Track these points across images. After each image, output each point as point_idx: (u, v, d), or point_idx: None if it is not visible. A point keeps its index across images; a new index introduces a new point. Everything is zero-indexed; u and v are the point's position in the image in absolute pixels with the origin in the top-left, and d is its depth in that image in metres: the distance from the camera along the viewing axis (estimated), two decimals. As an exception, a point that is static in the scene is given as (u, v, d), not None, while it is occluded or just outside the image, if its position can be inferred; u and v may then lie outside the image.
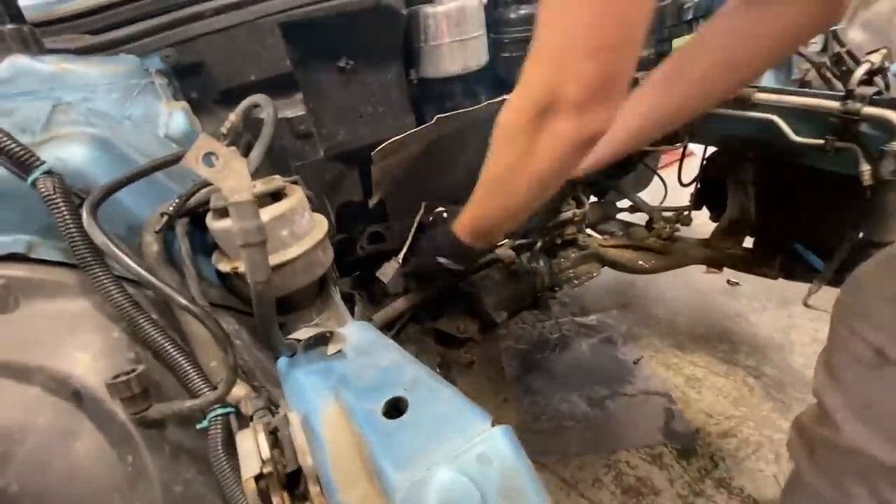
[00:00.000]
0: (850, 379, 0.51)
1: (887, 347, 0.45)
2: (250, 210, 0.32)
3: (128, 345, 0.42)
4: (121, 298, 0.41)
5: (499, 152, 0.53)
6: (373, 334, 0.39)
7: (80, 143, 0.43)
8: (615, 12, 0.40)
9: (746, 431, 1.24)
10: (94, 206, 0.38)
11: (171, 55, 0.65)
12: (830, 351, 0.55)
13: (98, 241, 0.37)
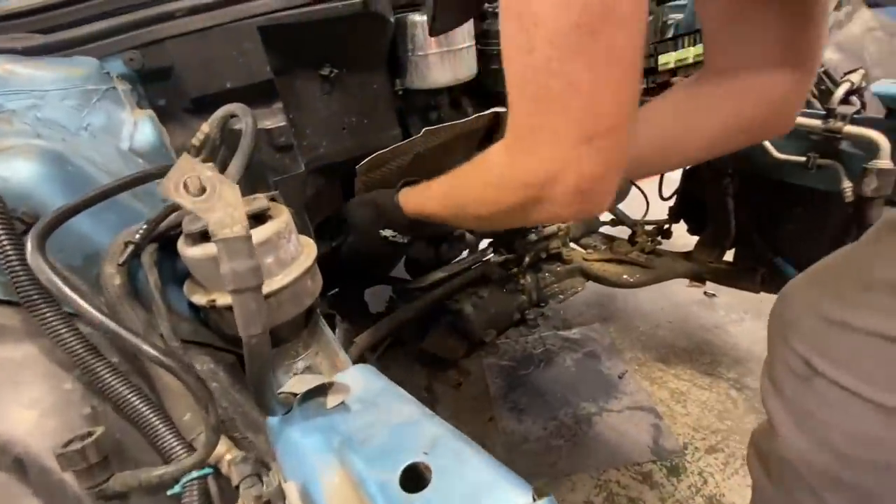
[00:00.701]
0: (788, 389, 0.50)
1: (813, 359, 0.45)
2: (244, 248, 0.27)
3: (82, 398, 0.36)
4: (74, 342, 0.34)
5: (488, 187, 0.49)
6: (379, 381, 0.34)
7: (26, 159, 0.36)
8: (611, 89, 0.36)
9: (733, 446, 1.24)
10: (42, 235, 0.31)
11: (135, 58, 0.59)
12: (771, 360, 0.55)
13: (43, 279, 0.30)
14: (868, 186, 0.85)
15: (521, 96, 0.39)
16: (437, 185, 0.62)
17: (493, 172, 0.46)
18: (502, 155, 0.44)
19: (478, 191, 0.50)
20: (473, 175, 0.52)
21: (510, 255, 1.22)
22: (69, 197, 0.39)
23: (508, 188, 0.44)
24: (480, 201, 0.50)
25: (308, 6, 0.65)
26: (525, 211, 0.45)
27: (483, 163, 0.48)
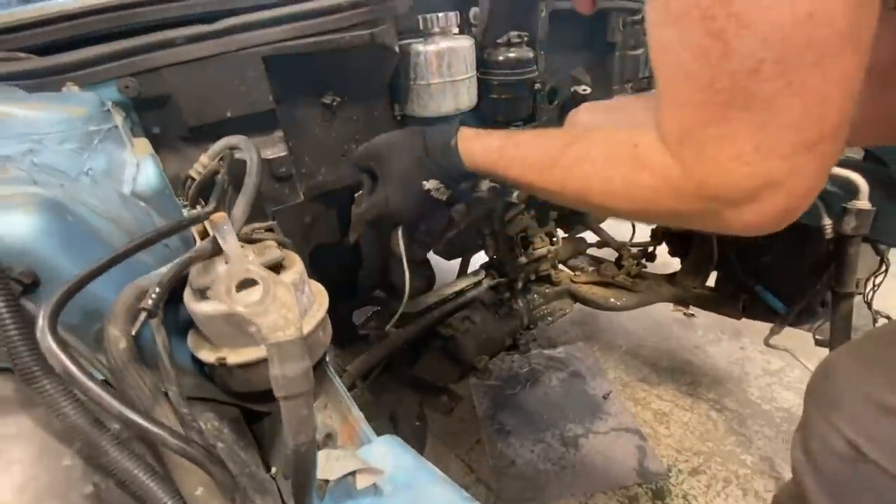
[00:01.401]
0: (827, 467, 0.51)
1: (861, 443, 0.46)
2: (296, 351, 0.26)
3: (83, 475, 0.33)
4: (77, 416, 0.31)
5: (639, 187, 0.42)
6: (408, 456, 0.32)
7: (23, 211, 0.33)
8: (842, 84, 0.32)
9: (714, 468, 1.26)
10: (55, 313, 0.29)
11: (131, 85, 0.56)
12: (807, 433, 0.55)
13: (59, 369, 0.28)
14: (848, 225, 0.89)
15: (703, 104, 0.34)
16: (518, 144, 0.54)
17: (653, 174, 0.40)
18: (666, 157, 0.39)
19: (616, 184, 0.44)
20: (607, 165, 0.44)
21: (502, 280, 1.21)
22: (69, 251, 0.36)
23: (680, 196, 0.39)
24: (621, 195, 0.44)
25: (315, 37, 0.63)
26: (692, 218, 0.41)
27: (631, 159, 0.42)
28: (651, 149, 0.40)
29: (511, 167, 0.55)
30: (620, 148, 0.44)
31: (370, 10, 0.66)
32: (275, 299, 0.25)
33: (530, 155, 0.53)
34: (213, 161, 0.59)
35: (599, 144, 0.46)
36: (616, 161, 0.44)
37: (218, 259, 0.41)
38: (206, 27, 0.57)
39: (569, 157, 0.48)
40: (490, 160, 0.57)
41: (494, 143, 0.57)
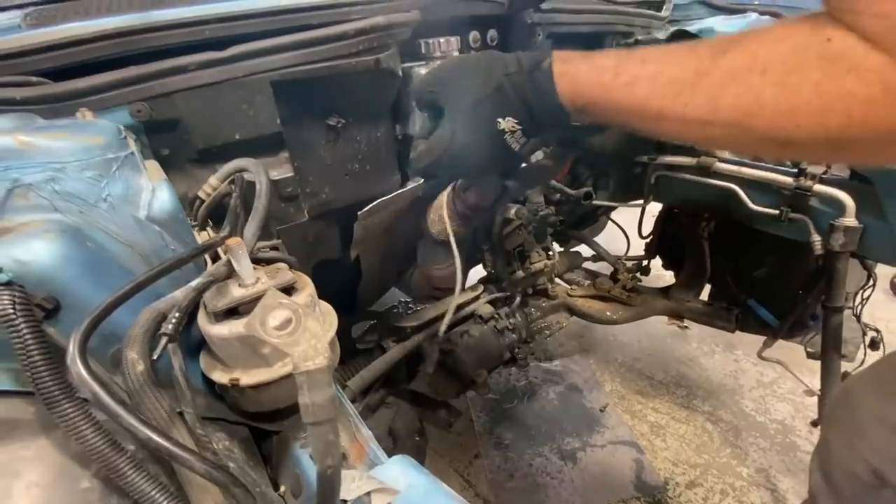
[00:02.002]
0: (848, 493, 0.51)
1: (886, 471, 0.46)
2: (324, 379, 0.27)
3: (101, 497, 0.33)
4: (97, 441, 0.32)
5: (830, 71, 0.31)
6: (421, 476, 0.33)
7: (46, 239, 0.34)
8: None
9: (711, 480, 1.27)
10: (84, 341, 0.30)
11: (143, 110, 0.57)
12: (827, 458, 0.55)
13: (90, 396, 0.29)
14: (836, 242, 0.92)
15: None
16: (644, 59, 0.41)
17: (864, 78, 0.30)
18: (880, 55, 0.29)
19: (803, 95, 0.32)
20: (787, 70, 0.33)
21: (500, 295, 1.23)
22: (89, 276, 0.37)
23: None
24: (812, 112, 0.32)
25: (322, 62, 0.65)
26: (890, 131, 0.31)
27: (826, 60, 0.31)
28: (853, 45, 0.30)
29: (633, 90, 0.41)
30: (807, 45, 0.32)
31: (375, 37, 0.68)
32: (305, 330, 0.26)
33: (663, 70, 0.39)
34: (221, 183, 0.60)
35: (772, 43, 0.34)
36: (802, 64, 0.32)
37: (231, 281, 0.42)
38: (217, 53, 0.59)
39: (724, 68, 0.36)
40: (600, 84, 0.43)
41: (607, 62, 0.43)
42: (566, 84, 0.45)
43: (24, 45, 0.60)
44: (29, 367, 0.31)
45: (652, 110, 0.40)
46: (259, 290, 0.41)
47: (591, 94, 0.44)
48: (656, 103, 0.40)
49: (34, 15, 0.70)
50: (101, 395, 0.28)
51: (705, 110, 0.37)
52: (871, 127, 0.31)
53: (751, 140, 0.36)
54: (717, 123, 0.37)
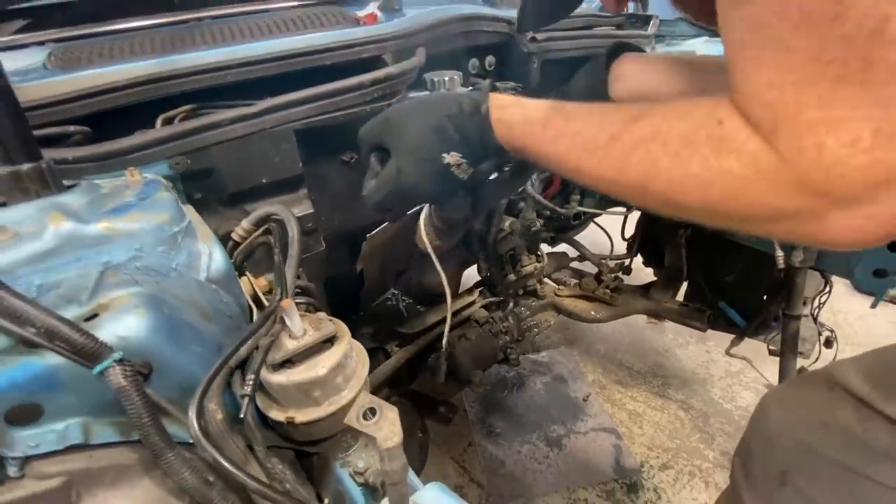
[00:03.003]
0: (761, 486, 0.61)
1: (790, 473, 0.56)
2: (399, 453, 0.35)
3: (195, 524, 0.41)
4: (195, 482, 0.40)
5: (722, 174, 0.34)
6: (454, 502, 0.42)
7: (137, 315, 0.41)
8: None
9: (681, 463, 1.42)
10: (201, 409, 0.37)
11: (181, 163, 0.62)
12: (747, 456, 0.64)
13: (208, 458, 0.36)
14: (796, 258, 1.03)
15: (806, 81, 0.29)
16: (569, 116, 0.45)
17: (742, 160, 0.33)
18: (758, 140, 0.32)
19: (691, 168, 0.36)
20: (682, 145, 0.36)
21: (493, 299, 1.32)
22: (169, 339, 0.44)
23: (776, 189, 0.32)
24: (696, 184, 0.36)
25: (341, 111, 0.70)
26: (785, 219, 0.33)
27: (714, 139, 0.34)
28: (738, 130, 0.33)
29: (556, 144, 0.45)
30: (702, 124, 0.36)
31: (389, 85, 0.73)
32: (385, 417, 0.34)
33: (583, 130, 0.44)
34: (252, 226, 0.66)
35: (674, 119, 0.38)
36: (694, 141, 0.36)
37: (282, 334, 0.50)
38: (247, 109, 0.64)
39: (633, 135, 0.40)
40: (530, 133, 0.47)
41: (538, 114, 0.47)
42: (501, 129, 0.50)
43: (60, 93, 0.65)
44: (140, 427, 0.38)
45: (571, 163, 0.45)
46: (307, 343, 0.49)
47: (523, 142, 0.49)
48: (575, 158, 0.44)
49: (57, 56, 0.74)
50: (219, 459, 0.36)
51: (615, 170, 0.41)
52: (744, 202, 0.34)
53: (651, 201, 0.40)
54: (624, 183, 0.41)
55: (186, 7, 0.84)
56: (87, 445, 0.40)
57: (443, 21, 0.89)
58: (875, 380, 0.51)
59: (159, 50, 0.75)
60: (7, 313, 0.36)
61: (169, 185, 0.60)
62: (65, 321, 0.37)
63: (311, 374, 0.48)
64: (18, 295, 0.36)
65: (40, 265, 0.40)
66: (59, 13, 0.82)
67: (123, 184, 0.55)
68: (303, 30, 0.81)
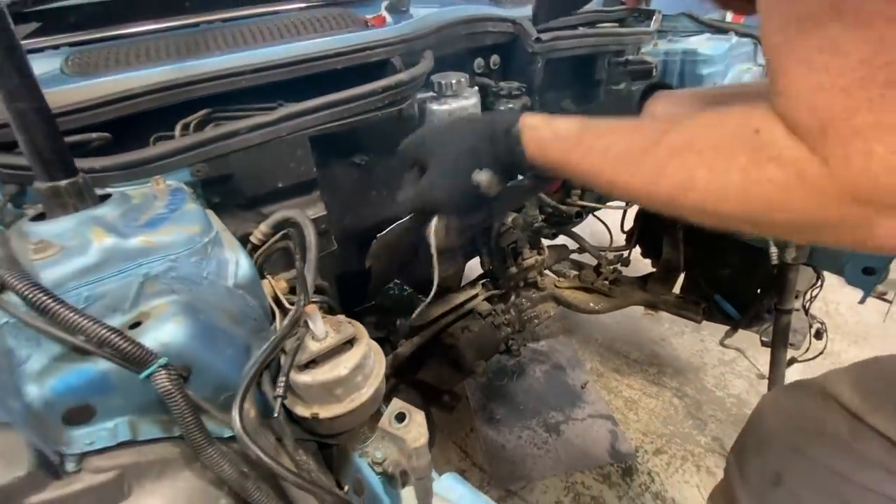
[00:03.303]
0: (755, 483, 0.64)
1: (783, 475, 0.59)
2: (425, 451, 0.38)
3: (233, 513, 0.45)
4: (233, 473, 0.44)
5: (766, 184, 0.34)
6: (468, 490, 0.46)
7: (176, 322, 0.44)
8: None
9: (674, 448, 1.48)
10: (241, 411, 0.40)
11: (202, 170, 0.65)
12: (741, 453, 0.68)
13: (252, 454, 0.40)
14: (788, 255, 1.07)
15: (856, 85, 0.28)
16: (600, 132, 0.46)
17: (783, 168, 0.33)
18: (801, 149, 0.32)
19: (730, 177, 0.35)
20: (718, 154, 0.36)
21: (496, 292, 1.36)
22: (204, 343, 0.47)
23: (821, 198, 0.32)
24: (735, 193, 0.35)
25: (354, 117, 0.73)
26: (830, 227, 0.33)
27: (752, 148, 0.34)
28: (779, 136, 0.33)
29: (587, 159, 0.46)
30: (736, 133, 0.36)
31: (399, 91, 0.75)
32: (414, 422, 0.37)
33: (614, 144, 0.45)
34: (271, 230, 0.69)
35: (707, 129, 0.38)
36: (731, 149, 0.36)
37: (307, 337, 0.53)
38: (265, 117, 0.66)
39: (665, 146, 0.40)
40: (561, 150, 0.49)
41: (569, 131, 0.49)
42: (533, 147, 0.52)
43: (81, 100, 0.67)
44: (184, 426, 0.42)
45: (605, 178, 0.46)
46: (330, 345, 0.52)
47: (555, 159, 0.51)
48: (609, 172, 0.45)
49: (75, 61, 0.75)
50: (260, 454, 0.40)
51: (649, 181, 0.41)
52: (787, 211, 0.34)
53: (687, 210, 0.40)
54: (659, 194, 0.41)
55: (198, 10, 0.85)
56: (135, 442, 0.43)
57: (449, 23, 0.91)
58: (864, 392, 0.54)
59: (174, 55, 0.76)
60: (62, 324, 0.39)
61: (192, 193, 0.62)
62: (114, 330, 0.40)
63: (334, 374, 0.52)
64: (72, 308, 0.39)
65: (87, 278, 0.43)
66: (71, 16, 0.83)
67: (151, 193, 0.58)
68: (312, 33, 0.83)
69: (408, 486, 0.46)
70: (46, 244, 0.44)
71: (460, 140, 0.56)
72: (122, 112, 0.69)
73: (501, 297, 1.37)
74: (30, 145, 0.46)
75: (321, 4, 0.93)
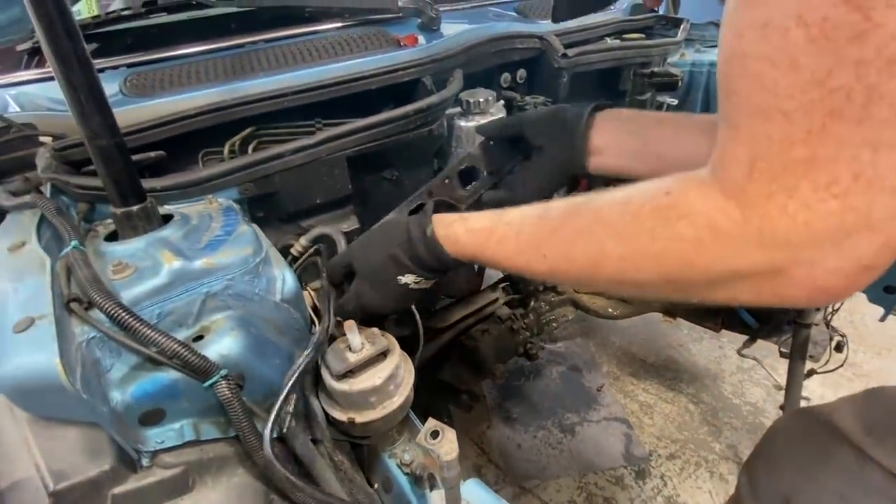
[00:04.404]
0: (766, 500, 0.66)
1: (792, 499, 0.61)
2: (455, 464, 0.43)
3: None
4: (278, 472, 0.49)
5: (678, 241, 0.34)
6: (490, 496, 0.51)
7: (233, 336, 0.49)
8: None
9: (688, 454, 1.50)
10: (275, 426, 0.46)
11: (249, 189, 0.70)
12: (753, 473, 0.70)
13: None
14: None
15: (800, 111, 0.27)
16: (510, 221, 0.48)
17: (695, 222, 0.33)
18: (717, 197, 0.31)
19: (640, 244, 0.35)
20: (627, 223, 0.37)
21: (515, 296, 1.39)
22: (257, 355, 0.52)
23: (735, 246, 0.31)
24: (648, 258, 0.36)
25: (388, 138, 0.77)
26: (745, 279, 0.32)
27: (663, 209, 0.34)
28: (692, 191, 0.33)
29: (502, 247, 0.48)
30: (646, 198, 0.36)
31: (430, 113, 0.79)
32: (446, 438, 0.42)
33: (525, 229, 0.46)
34: (309, 243, 0.74)
35: (616, 203, 0.38)
36: (641, 216, 0.36)
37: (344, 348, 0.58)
38: (307, 140, 0.71)
39: (574, 224, 0.41)
40: (476, 243, 0.51)
41: (481, 224, 0.51)
42: (450, 244, 0.54)
43: (141, 121, 0.73)
44: (240, 430, 0.48)
45: (521, 263, 0.47)
46: (365, 356, 0.57)
47: (472, 252, 0.53)
48: (523, 258, 0.47)
49: (132, 82, 0.81)
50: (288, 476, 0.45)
51: (562, 261, 0.43)
52: (703, 269, 0.33)
53: (604, 284, 0.41)
54: (573, 272, 0.42)
55: (243, 31, 0.90)
56: (197, 441, 0.49)
57: (479, 41, 0.94)
58: (868, 425, 0.56)
59: (221, 76, 0.82)
60: (140, 339, 0.45)
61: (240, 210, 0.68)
62: (183, 344, 0.45)
63: (370, 384, 0.57)
64: (148, 324, 0.45)
65: (159, 297, 0.49)
66: (128, 38, 0.89)
67: (207, 213, 0.63)
68: (348, 54, 0.87)
69: (437, 490, 0.51)
70: (124, 265, 0.50)
71: (380, 249, 0.58)
72: (176, 132, 0.75)
73: (521, 302, 1.40)
74: (108, 177, 0.51)
75: (357, 23, 0.97)
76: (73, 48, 0.45)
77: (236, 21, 0.93)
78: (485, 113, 0.92)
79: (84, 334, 0.45)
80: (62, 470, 0.43)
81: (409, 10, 0.96)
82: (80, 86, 0.46)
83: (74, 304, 0.45)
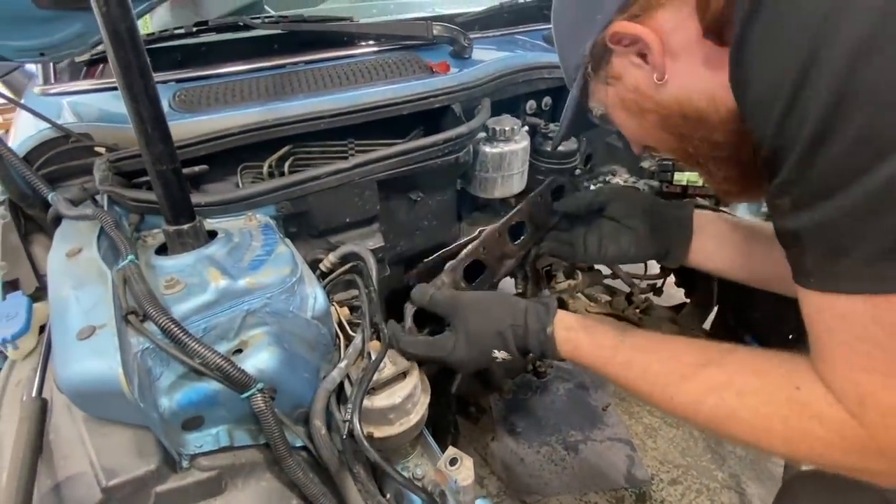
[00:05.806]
0: None
1: None
2: (471, 489, 0.47)
3: (301, 513, 0.55)
4: (306, 479, 0.53)
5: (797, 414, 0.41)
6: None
7: (269, 352, 0.54)
8: None
9: (690, 480, 1.51)
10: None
11: (286, 207, 0.75)
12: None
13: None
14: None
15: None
16: (635, 347, 0.53)
17: (826, 427, 0.39)
18: (841, 412, 0.38)
19: (773, 425, 0.42)
20: (760, 402, 0.43)
21: (528, 314, 1.42)
22: (289, 369, 0.57)
23: (861, 455, 0.39)
24: (779, 439, 0.42)
25: (417, 164, 0.81)
26: (865, 473, 0.41)
27: (795, 404, 0.41)
28: (819, 397, 0.39)
29: (625, 373, 0.52)
30: (778, 387, 0.42)
31: (459, 141, 0.83)
32: (464, 465, 0.45)
33: (652, 364, 0.50)
34: (338, 260, 0.78)
35: (745, 375, 0.44)
36: (773, 401, 0.42)
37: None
38: (342, 164, 0.76)
39: (703, 380, 0.46)
40: (599, 357, 0.55)
41: (606, 342, 0.54)
42: (568, 349, 0.57)
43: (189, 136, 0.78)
44: (271, 440, 0.52)
45: (643, 392, 0.52)
46: (388, 376, 0.61)
47: (591, 363, 0.56)
48: (647, 389, 0.51)
49: (180, 98, 0.87)
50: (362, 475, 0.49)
51: (688, 408, 0.47)
52: (830, 462, 0.41)
53: (725, 437, 0.48)
54: (699, 421, 0.47)
55: (284, 53, 0.95)
56: (231, 447, 0.54)
57: (508, 71, 0.97)
58: None
59: (263, 96, 0.86)
60: (188, 351, 0.49)
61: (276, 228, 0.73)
62: (225, 358, 0.50)
63: (390, 402, 0.61)
64: (196, 338, 0.49)
65: (205, 313, 0.54)
66: (178, 54, 0.94)
67: (247, 230, 0.68)
68: (383, 79, 0.91)
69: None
70: (175, 281, 0.55)
71: (493, 322, 0.60)
72: (219, 147, 0.79)
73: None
74: (164, 197, 0.56)
75: (392, 48, 1.02)
76: (145, 86, 0.50)
77: (279, 42, 0.98)
78: (509, 140, 0.96)
79: (139, 345, 0.49)
80: (113, 468, 0.47)
81: (443, 38, 0.99)
82: (149, 119, 0.51)
83: (132, 317, 0.50)
